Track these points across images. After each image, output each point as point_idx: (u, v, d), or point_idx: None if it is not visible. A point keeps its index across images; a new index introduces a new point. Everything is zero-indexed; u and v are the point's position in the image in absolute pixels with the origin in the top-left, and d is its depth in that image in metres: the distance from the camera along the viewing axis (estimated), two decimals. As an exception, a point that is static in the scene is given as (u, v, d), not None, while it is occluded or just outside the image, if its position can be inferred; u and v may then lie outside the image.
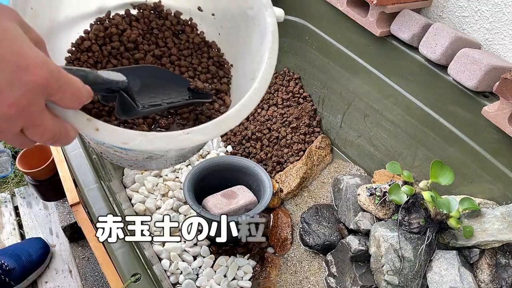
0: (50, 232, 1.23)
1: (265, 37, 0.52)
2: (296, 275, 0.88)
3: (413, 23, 0.87)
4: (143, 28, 0.58)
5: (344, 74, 1.06)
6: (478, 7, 0.87)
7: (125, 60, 0.55)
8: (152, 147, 0.41)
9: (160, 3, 0.61)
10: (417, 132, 0.94)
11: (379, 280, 0.78)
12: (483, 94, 0.81)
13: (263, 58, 0.50)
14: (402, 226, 0.78)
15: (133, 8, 0.60)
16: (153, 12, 0.60)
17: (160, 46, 0.59)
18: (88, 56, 0.54)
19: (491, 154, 0.81)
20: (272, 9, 0.53)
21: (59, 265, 1.13)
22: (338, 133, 1.13)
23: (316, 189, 1.05)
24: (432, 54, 0.84)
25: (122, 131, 0.40)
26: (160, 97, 0.50)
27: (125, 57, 0.56)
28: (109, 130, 0.39)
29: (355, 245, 0.82)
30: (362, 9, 0.95)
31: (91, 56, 0.54)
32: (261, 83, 0.48)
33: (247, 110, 0.46)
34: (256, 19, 0.54)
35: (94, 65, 0.54)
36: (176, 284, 0.84)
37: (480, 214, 0.78)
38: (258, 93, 0.47)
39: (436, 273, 0.74)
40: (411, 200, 0.78)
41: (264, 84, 0.48)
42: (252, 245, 0.90)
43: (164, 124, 0.54)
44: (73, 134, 0.36)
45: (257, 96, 0.47)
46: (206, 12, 0.61)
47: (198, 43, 0.61)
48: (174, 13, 0.61)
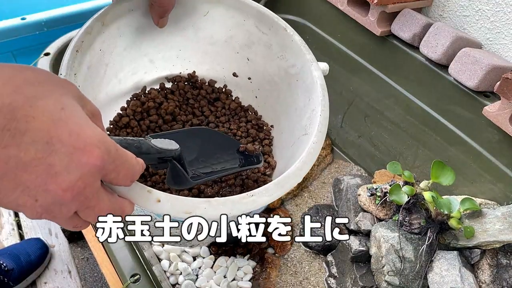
0: (49, 232, 1.22)
1: (313, 92, 0.51)
2: (296, 275, 0.88)
3: (414, 23, 0.87)
4: (179, 100, 0.58)
5: (344, 73, 1.06)
6: (479, 6, 0.87)
7: None
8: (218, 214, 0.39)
9: (194, 73, 0.61)
10: (418, 132, 0.93)
11: (379, 280, 0.78)
12: (484, 94, 0.81)
13: (316, 112, 0.50)
14: (403, 227, 0.78)
15: (167, 81, 0.60)
16: (188, 83, 0.61)
17: (197, 115, 0.58)
18: (127, 133, 0.54)
19: (492, 154, 0.81)
20: (317, 63, 0.53)
21: (58, 265, 1.13)
22: (339, 133, 1.13)
23: (317, 189, 1.05)
24: (433, 53, 0.84)
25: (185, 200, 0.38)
26: (210, 161, 0.48)
27: (164, 130, 0.55)
28: (171, 200, 0.37)
29: (356, 246, 0.82)
30: (362, 9, 0.94)
31: (130, 132, 0.54)
32: (318, 136, 0.47)
33: (307, 166, 0.45)
34: (300, 75, 0.54)
35: None
36: (175, 285, 0.83)
37: (481, 214, 0.77)
38: (317, 147, 0.46)
39: (437, 274, 0.74)
40: (412, 201, 0.78)
41: (321, 137, 0.48)
42: (252, 246, 0.90)
43: (210, 193, 0.53)
44: (129, 209, 0.34)
45: (316, 151, 0.46)
46: (242, 77, 0.60)
47: (235, 108, 0.60)
48: (208, 82, 0.61)
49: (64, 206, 0.27)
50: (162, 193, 0.37)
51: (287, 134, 0.58)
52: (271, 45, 0.55)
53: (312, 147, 0.46)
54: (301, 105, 0.54)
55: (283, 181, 0.43)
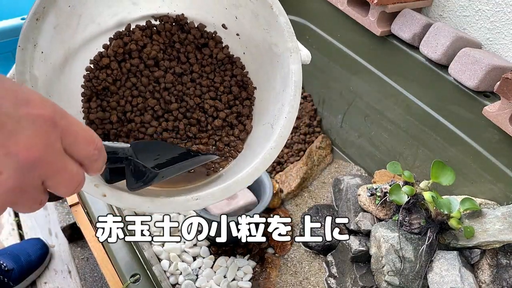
0: (49, 232, 1.22)
1: (287, 86, 0.49)
2: (296, 275, 0.88)
3: (414, 23, 0.87)
4: (164, 42, 0.56)
5: (344, 73, 1.06)
6: (479, 6, 0.87)
7: (144, 79, 0.54)
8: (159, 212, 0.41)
9: (183, 15, 0.57)
10: (418, 132, 0.93)
11: (379, 280, 0.78)
12: (484, 94, 0.81)
13: (283, 111, 0.48)
14: (403, 227, 0.78)
15: (154, 19, 0.58)
16: (176, 25, 0.58)
17: (182, 61, 0.56)
18: (107, 74, 0.53)
19: (492, 154, 0.81)
20: (298, 54, 0.50)
21: (58, 265, 1.13)
22: (339, 133, 1.13)
23: (317, 189, 1.05)
24: (433, 53, 0.84)
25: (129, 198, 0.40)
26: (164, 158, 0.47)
27: (144, 75, 0.54)
28: (116, 196, 0.39)
29: (356, 246, 0.82)
30: (362, 9, 0.94)
31: (110, 74, 0.53)
32: (278, 142, 0.45)
33: (258, 172, 0.44)
34: (281, 59, 0.51)
35: (113, 83, 0.53)
36: (175, 285, 0.83)
37: (481, 214, 0.77)
38: (273, 153, 0.45)
39: (437, 274, 0.74)
40: (412, 201, 0.78)
41: (281, 143, 0.46)
42: (252, 246, 0.90)
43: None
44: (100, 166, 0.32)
45: (272, 156, 0.45)
46: (231, 31, 0.57)
47: (222, 59, 0.58)
48: (198, 26, 0.58)
49: (31, 171, 0.25)
50: (108, 188, 0.39)
51: (262, 108, 0.56)
52: (258, 15, 0.52)
53: (268, 152, 0.45)
54: (277, 89, 0.51)
55: (230, 187, 0.43)
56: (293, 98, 0.48)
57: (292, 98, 0.48)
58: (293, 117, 0.47)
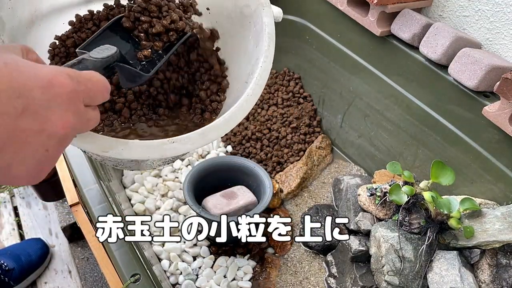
0: (50, 232, 1.22)
1: (260, 39, 0.49)
2: (296, 275, 0.88)
3: (414, 23, 0.87)
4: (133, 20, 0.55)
5: (344, 74, 1.06)
6: (479, 6, 0.87)
7: None
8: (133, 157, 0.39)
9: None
10: (418, 132, 0.94)
11: (379, 280, 0.78)
12: (484, 94, 0.81)
13: (258, 62, 0.48)
14: (403, 227, 0.78)
15: None
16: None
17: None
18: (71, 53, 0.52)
19: (492, 154, 0.81)
20: (270, 8, 0.51)
21: (59, 265, 1.13)
22: (339, 133, 1.13)
23: (316, 189, 1.05)
24: (432, 54, 0.84)
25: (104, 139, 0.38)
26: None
27: None
28: (89, 137, 0.37)
29: (356, 246, 0.82)
30: (362, 9, 0.95)
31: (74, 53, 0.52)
32: (254, 89, 0.45)
33: (237, 118, 0.43)
34: (253, 18, 0.51)
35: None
36: (175, 285, 0.83)
37: (480, 214, 0.77)
38: (251, 100, 0.45)
39: (437, 274, 0.74)
40: (412, 201, 0.78)
41: (258, 90, 0.45)
42: (252, 246, 0.90)
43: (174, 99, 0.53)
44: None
45: (249, 104, 0.44)
46: (201, 6, 0.57)
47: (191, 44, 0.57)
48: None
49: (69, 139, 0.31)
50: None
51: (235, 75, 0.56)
52: None
53: (245, 99, 0.44)
54: (250, 49, 0.52)
55: (207, 131, 0.42)
56: (268, 49, 0.48)
57: (266, 49, 0.48)
58: (268, 66, 0.48)
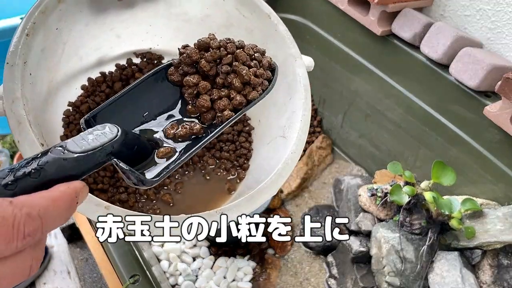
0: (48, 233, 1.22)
1: (295, 91, 0.48)
2: (296, 276, 0.87)
3: (415, 22, 0.87)
4: None
5: (345, 73, 1.06)
6: (480, 6, 0.87)
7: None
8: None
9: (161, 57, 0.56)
10: (419, 132, 0.93)
11: (380, 281, 0.77)
12: (485, 93, 0.80)
13: (296, 115, 0.46)
14: (404, 227, 0.78)
15: (135, 56, 0.56)
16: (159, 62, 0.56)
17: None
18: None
19: (493, 155, 0.81)
20: (301, 60, 0.49)
21: (58, 266, 1.12)
22: (339, 133, 1.13)
23: (317, 189, 1.05)
24: (433, 53, 0.84)
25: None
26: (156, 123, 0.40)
27: None
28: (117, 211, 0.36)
29: (356, 246, 0.82)
30: (363, 8, 0.94)
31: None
32: (298, 145, 0.44)
33: (283, 178, 0.42)
34: (282, 69, 0.49)
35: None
36: (175, 285, 0.83)
37: (482, 215, 0.77)
38: (294, 158, 0.43)
39: (438, 274, 0.73)
40: (413, 201, 0.78)
41: (301, 146, 0.44)
42: (252, 246, 0.90)
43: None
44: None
45: (293, 161, 0.43)
46: None
47: None
48: None
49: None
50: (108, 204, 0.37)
51: (264, 129, 0.55)
52: (252, 30, 0.51)
53: (290, 157, 0.43)
54: (281, 101, 0.51)
55: (254, 197, 0.41)
56: (305, 101, 0.47)
57: (304, 101, 0.47)
58: (308, 119, 0.46)
